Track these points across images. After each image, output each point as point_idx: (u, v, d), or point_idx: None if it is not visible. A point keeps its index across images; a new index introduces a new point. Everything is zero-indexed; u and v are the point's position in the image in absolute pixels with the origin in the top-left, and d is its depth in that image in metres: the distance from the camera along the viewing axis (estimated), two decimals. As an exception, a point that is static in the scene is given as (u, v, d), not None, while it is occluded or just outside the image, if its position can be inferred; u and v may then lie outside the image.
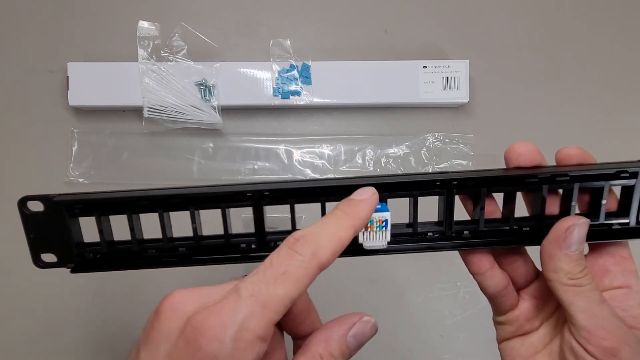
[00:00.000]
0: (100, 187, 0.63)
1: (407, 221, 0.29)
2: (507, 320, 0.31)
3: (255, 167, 0.64)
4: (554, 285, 0.26)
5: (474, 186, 0.27)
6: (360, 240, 0.27)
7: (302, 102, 0.61)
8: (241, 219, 0.63)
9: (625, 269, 0.28)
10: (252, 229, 0.29)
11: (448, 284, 0.63)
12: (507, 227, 0.29)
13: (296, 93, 0.61)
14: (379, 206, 0.26)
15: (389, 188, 0.27)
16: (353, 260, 0.29)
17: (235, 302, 0.20)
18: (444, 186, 0.27)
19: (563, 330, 0.27)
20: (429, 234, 0.29)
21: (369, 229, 0.26)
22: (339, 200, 0.26)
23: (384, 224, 0.26)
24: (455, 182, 0.27)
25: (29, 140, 0.64)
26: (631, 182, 0.27)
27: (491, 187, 0.27)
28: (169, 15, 0.64)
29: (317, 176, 0.63)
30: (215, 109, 0.61)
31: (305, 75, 0.61)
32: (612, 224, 0.28)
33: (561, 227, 0.26)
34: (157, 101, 0.60)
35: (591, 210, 0.28)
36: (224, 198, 0.27)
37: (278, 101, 0.61)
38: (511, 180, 0.27)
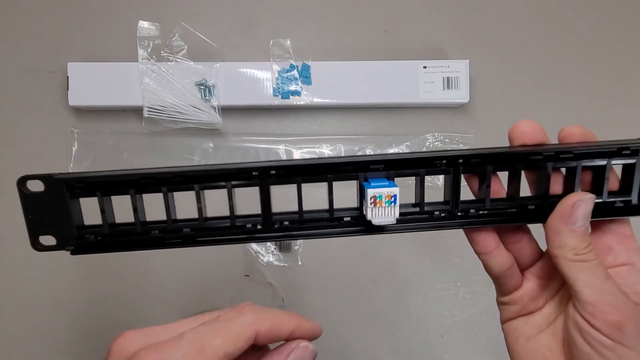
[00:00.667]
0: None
1: (413, 201, 0.29)
2: (511, 300, 0.31)
3: (255, 167, 0.64)
4: (559, 262, 0.27)
5: (480, 163, 0.27)
6: (369, 216, 0.27)
7: (302, 102, 0.61)
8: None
9: (628, 247, 0.28)
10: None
11: (448, 284, 0.63)
12: (513, 206, 0.29)
13: (296, 93, 0.61)
14: (387, 182, 0.27)
15: (395, 165, 0.27)
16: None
17: (176, 343, 0.22)
18: (450, 164, 0.27)
19: (567, 307, 0.28)
20: (436, 212, 0.29)
21: (377, 205, 0.26)
22: (347, 179, 0.27)
23: (392, 199, 0.26)
24: (461, 160, 0.27)
25: (29, 140, 0.64)
26: (632, 160, 0.27)
27: (497, 164, 0.28)
28: (169, 15, 0.64)
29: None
30: (215, 109, 0.61)
31: (305, 75, 0.61)
32: (614, 202, 0.28)
33: (567, 203, 0.27)
34: (157, 101, 0.60)
35: (594, 189, 0.29)
36: (229, 176, 0.27)
37: (278, 101, 0.61)
38: (516, 157, 0.27)
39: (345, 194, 0.30)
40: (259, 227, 0.29)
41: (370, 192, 0.26)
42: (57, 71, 0.63)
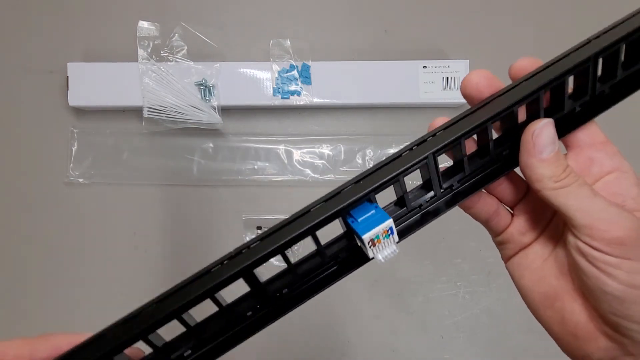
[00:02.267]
0: (100, 187, 0.63)
1: (393, 198, 0.27)
2: (505, 238, 0.31)
3: (255, 167, 0.64)
4: (543, 195, 0.26)
5: (453, 142, 0.26)
6: (372, 255, 0.25)
7: (302, 102, 0.61)
8: (241, 219, 0.63)
9: (608, 152, 0.27)
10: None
11: (448, 284, 0.63)
12: (490, 160, 0.28)
13: (296, 93, 0.61)
14: (378, 215, 0.24)
15: (375, 190, 0.25)
16: (372, 262, 0.29)
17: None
18: (426, 158, 0.26)
19: (566, 234, 0.27)
20: (422, 204, 0.28)
21: (376, 243, 0.25)
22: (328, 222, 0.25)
23: (389, 232, 0.25)
24: (436, 149, 0.26)
25: (29, 140, 0.64)
26: (585, 65, 0.26)
27: (468, 135, 0.26)
28: (169, 15, 0.64)
29: (317, 176, 0.63)
30: (215, 109, 0.61)
31: (305, 75, 0.61)
32: (574, 109, 0.27)
33: (527, 136, 0.26)
34: (157, 101, 0.60)
35: (553, 105, 0.27)
36: (215, 288, 0.24)
37: (278, 101, 0.61)
38: (483, 117, 0.26)
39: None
40: (255, 315, 0.26)
41: (366, 237, 0.24)
42: (57, 71, 0.63)
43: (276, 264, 0.52)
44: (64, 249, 0.63)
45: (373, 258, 0.25)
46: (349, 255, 0.27)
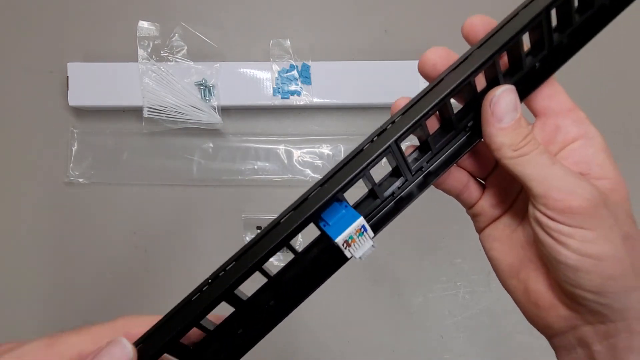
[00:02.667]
0: (100, 187, 0.63)
1: (364, 191, 0.27)
2: (477, 211, 0.30)
3: (255, 167, 0.64)
4: (504, 163, 0.25)
5: (414, 126, 0.25)
6: (349, 255, 0.25)
7: (302, 102, 0.61)
8: (241, 219, 0.63)
9: (575, 119, 0.26)
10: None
11: (448, 284, 0.63)
12: (455, 136, 0.27)
13: (296, 93, 0.61)
14: (349, 215, 0.24)
15: (342, 190, 0.24)
16: (353, 260, 0.29)
17: (34, 339, 0.22)
18: (389, 150, 0.24)
19: (528, 205, 0.26)
20: (395, 191, 0.27)
21: (351, 243, 0.24)
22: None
23: (362, 230, 0.24)
24: (397, 139, 0.24)
25: (29, 140, 0.64)
26: (537, 20, 0.25)
27: (427, 115, 0.25)
28: (169, 15, 0.64)
29: (317, 176, 0.63)
30: (215, 109, 0.61)
31: (305, 75, 0.61)
32: (534, 66, 0.26)
33: (485, 105, 0.25)
34: (157, 101, 0.60)
35: (512, 66, 0.26)
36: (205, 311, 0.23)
37: (278, 101, 0.61)
38: (443, 96, 0.25)
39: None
40: (245, 332, 0.26)
41: (340, 239, 0.23)
42: (57, 71, 0.63)
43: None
44: (64, 249, 0.63)
45: (351, 257, 0.25)
46: (329, 257, 0.26)
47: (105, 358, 0.21)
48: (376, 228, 0.27)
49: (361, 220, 0.24)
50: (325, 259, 0.27)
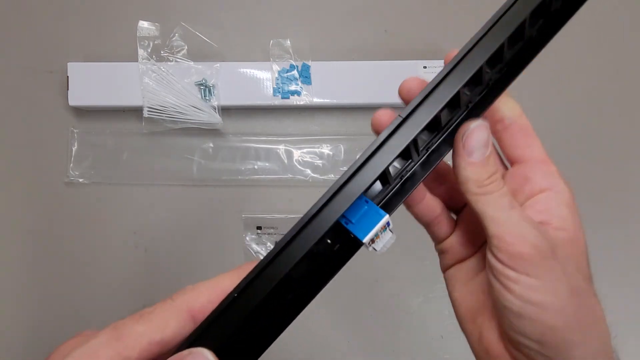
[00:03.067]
0: (100, 187, 0.63)
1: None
2: (445, 248, 0.30)
3: (255, 167, 0.64)
4: (467, 198, 0.25)
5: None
6: (371, 249, 0.25)
7: (302, 102, 0.61)
8: (241, 219, 0.63)
9: (545, 172, 0.27)
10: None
11: (448, 284, 0.63)
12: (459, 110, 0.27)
13: (296, 93, 0.61)
14: (372, 212, 0.24)
15: (367, 190, 0.24)
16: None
17: (96, 332, 0.21)
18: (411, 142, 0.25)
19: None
20: (402, 173, 0.27)
21: (375, 240, 0.24)
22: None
23: (386, 226, 0.24)
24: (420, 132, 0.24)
25: (29, 140, 0.64)
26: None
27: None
28: (169, 15, 0.64)
29: (317, 176, 0.63)
30: (215, 109, 0.61)
31: (305, 75, 0.61)
32: (489, 80, 0.26)
33: (457, 136, 0.25)
34: (157, 101, 0.60)
35: (473, 82, 0.26)
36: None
37: (278, 101, 0.61)
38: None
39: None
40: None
41: (367, 239, 0.24)
42: (57, 71, 0.63)
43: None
44: (64, 249, 0.63)
45: (372, 250, 0.25)
46: (344, 248, 0.26)
47: None
48: (390, 210, 0.27)
49: (387, 218, 0.24)
50: (341, 251, 0.27)
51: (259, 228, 0.62)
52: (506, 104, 0.28)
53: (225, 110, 0.62)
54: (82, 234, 0.63)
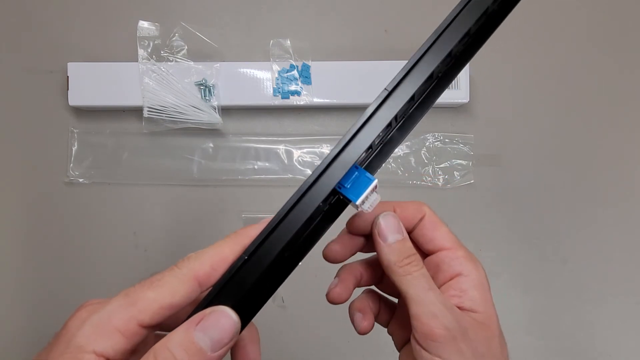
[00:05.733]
0: (100, 187, 0.63)
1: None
2: (390, 331, 0.33)
3: (255, 167, 0.64)
4: (393, 280, 0.27)
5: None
6: (360, 209, 0.27)
7: (302, 102, 0.61)
8: (241, 219, 0.63)
9: (453, 259, 0.29)
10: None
11: (448, 284, 0.63)
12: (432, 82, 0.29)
13: (296, 93, 0.61)
14: (362, 177, 0.26)
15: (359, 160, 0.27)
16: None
17: (112, 298, 0.22)
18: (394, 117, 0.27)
19: None
20: (382, 138, 0.29)
21: (364, 201, 0.27)
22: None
23: (374, 188, 0.27)
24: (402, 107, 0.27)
25: (29, 140, 0.64)
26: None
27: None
28: (169, 15, 0.64)
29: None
30: (215, 109, 0.61)
31: (305, 75, 0.61)
32: (457, 52, 0.29)
33: (373, 227, 0.28)
34: (157, 101, 0.60)
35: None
36: None
37: (278, 101, 0.61)
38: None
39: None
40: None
41: (359, 201, 0.26)
42: (57, 71, 0.63)
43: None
44: (64, 249, 0.63)
45: (361, 209, 0.27)
46: (335, 206, 0.29)
47: (214, 330, 0.22)
48: (371, 172, 0.29)
49: (375, 182, 0.27)
50: (330, 211, 0.30)
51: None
52: (412, 208, 0.30)
53: (225, 110, 0.62)
54: (82, 234, 0.63)
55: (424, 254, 0.31)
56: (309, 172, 0.64)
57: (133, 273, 0.63)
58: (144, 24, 0.62)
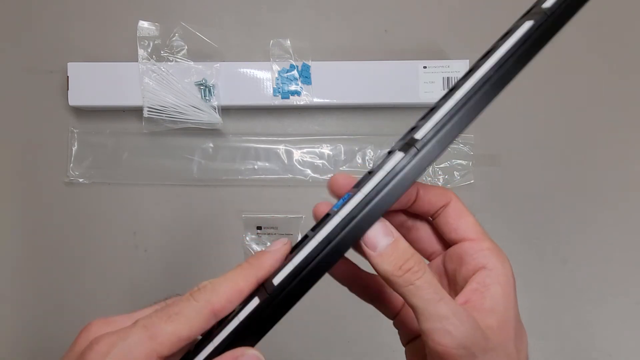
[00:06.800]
0: (100, 187, 0.63)
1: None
2: (398, 323, 0.31)
3: (255, 167, 0.64)
4: (398, 292, 0.24)
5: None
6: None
7: (302, 102, 0.61)
8: (241, 219, 0.63)
9: (477, 250, 0.26)
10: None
11: (448, 284, 0.63)
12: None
13: (296, 93, 0.61)
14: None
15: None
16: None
17: (130, 329, 0.22)
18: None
19: None
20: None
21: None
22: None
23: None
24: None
25: (29, 140, 0.64)
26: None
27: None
28: (169, 15, 0.64)
29: (317, 176, 0.63)
30: (215, 109, 0.61)
31: (305, 75, 0.61)
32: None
33: (360, 246, 0.25)
34: (157, 101, 0.60)
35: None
36: None
37: (278, 101, 0.61)
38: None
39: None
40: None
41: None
42: (57, 71, 0.63)
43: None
44: (64, 249, 0.63)
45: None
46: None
47: None
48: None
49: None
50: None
51: (259, 228, 0.62)
52: (437, 192, 0.28)
53: (225, 110, 0.62)
54: (82, 234, 0.63)
55: (447, 244, 0.29)
56: (309, 172, 0.64)
57: (133, 273, 0.63)
58: (144, 24, 0.62)
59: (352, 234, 0.24)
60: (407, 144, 0.25)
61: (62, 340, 0.63)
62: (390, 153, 0.27)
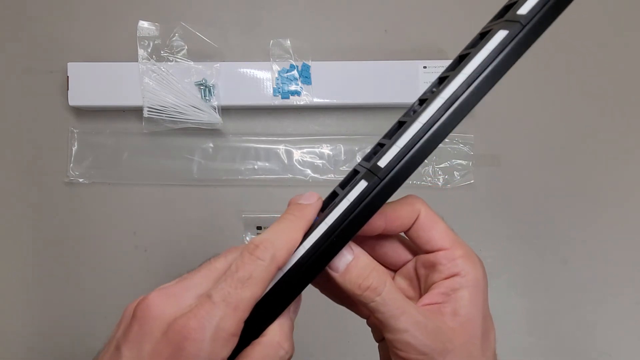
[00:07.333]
0: (100, 187, 0.63)
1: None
2: (370, 323, 0.32)
3: (255, 167, 0.64)
4: (368, 307, 0.26)
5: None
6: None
7: (302, 102, 0.61)
8: (241, 219, 0.63)
9: (450, 260, 0.27)
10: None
11: (448, 284, 0.63)
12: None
13: (296, 93, 0.61)
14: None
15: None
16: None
17: (210, 307, 0.23)
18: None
19: None
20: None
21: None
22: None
23: None
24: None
25: (29, 140, 0.64)
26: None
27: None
28: (169, 15, 0.64)
29: (317, 176, 0.63)
30: (215, 109, 0.61)
31: (305, 75, 0.61)
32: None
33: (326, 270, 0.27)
34: (157, 101, 0.60)
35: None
36: None
37: (278, 101, 0.61)
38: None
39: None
40: None
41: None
42: (57, 71, 0.63)
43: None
44: (64, 249, 0.63)
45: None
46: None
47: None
48: None
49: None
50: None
51: (259, 228, 0.62)
52: (405, 209, 0.28)
53: (225, 110, 0.62)
54: (82, 234, 0.63)
55: (416, 251, 0.30)
56: (309, 172, 0.64)
57: (133, 273, 0.63)
58: (144, 24, 0.62)
59: (317, 264, 0.25)
60: (370, 171, 0.26)
61: (62, 339, 0.64)
62: (355, 172, 0.28)
